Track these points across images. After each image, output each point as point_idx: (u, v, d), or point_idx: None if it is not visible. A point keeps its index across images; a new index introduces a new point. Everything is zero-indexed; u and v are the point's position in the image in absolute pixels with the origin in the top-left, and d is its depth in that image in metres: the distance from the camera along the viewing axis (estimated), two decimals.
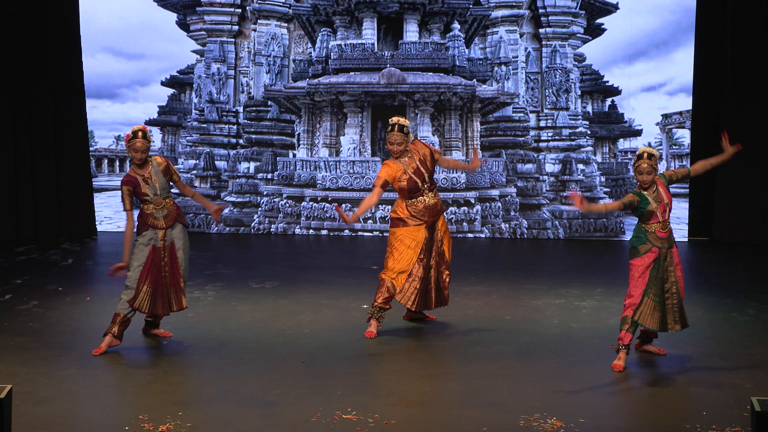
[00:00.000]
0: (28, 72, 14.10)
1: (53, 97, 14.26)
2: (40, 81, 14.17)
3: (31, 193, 14.18)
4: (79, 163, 14.60)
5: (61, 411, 6.08)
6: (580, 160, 15.48)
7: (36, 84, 14.15)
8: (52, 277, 10.88)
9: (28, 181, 14.18)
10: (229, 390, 6.57)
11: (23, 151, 14.15)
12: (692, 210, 14.71)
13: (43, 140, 14.27)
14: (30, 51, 14.06)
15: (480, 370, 7.14)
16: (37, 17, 14.07)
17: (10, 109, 14.04)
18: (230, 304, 9.54)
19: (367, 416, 5.95)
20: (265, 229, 15.30)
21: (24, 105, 14.11)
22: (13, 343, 7.83)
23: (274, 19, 16.07)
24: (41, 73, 14.17)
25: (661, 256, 7.33)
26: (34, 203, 14.25)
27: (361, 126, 15.30)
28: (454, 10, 15.55)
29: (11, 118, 14.05)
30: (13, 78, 14.04)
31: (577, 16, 15.88)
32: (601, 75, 15.98)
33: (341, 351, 7.74)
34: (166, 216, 7.91)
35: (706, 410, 6.15)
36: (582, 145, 15.62)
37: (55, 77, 14.26)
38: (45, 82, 14.19)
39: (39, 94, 14.18)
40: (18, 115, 14.10)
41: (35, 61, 14.11)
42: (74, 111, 14.48)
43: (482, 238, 14.88)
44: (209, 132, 15.98)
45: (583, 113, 15.99)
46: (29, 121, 14.16)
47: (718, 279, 11.41)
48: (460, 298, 9.81)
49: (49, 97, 14.23)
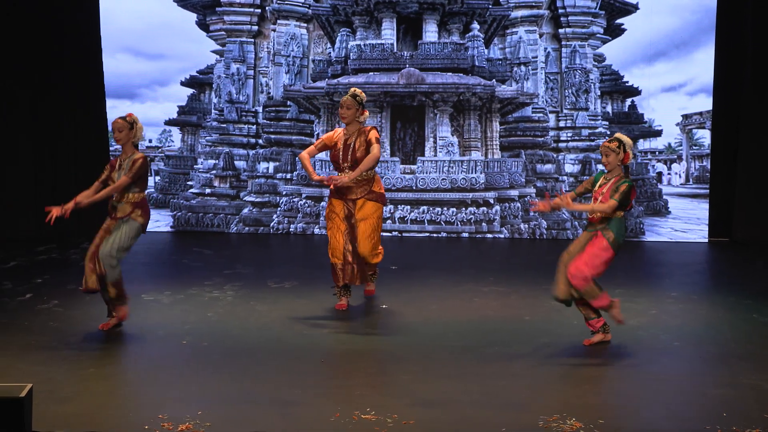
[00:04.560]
0: (49, 72, 14.18)
1: (73, 96, 14.34)
2: (61, 81, 14.24)
3: (51, 193, 14.24)
4: (99, 163, 14.56)
5: (80, 410, 6.09)
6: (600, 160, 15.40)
7: (56, 84, 14.22)
8: (72, 277, 10.91)
9: (47, 181, 14.25)
10: (248, 389, 6.58)
11: (43, 151, 14.23)
12: (712, 210, 14.66)
13: (63, 139, 14.34)
14: (50, 51, 14.14)
15: (499, 371, 7.12)
16: (58, 18, 14.15)
17: (30, 109, 14.12)
18: (249, 303, 9.55)
19: (386, 416, 5.95)
20: (284, 228, 15.32)
21: (44, 104, 14.19)
22: (33, 342, 7.86)
23: (294, 19, 16.09)
24: (61, 73, 14.24)
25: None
26: (54, 203, 14.22)
27: (380, 126, 15.29)
28: (473, 10, 15.53)
29: (32, 118, 14.13)
30: (34, 78, 14.11)
31: (597, 16, 15.84)
32: (620, 75, 15.92)
33: (360, 351, 7.74)
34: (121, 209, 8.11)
35: (726, 411, 6.11)
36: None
37: (75, 77, 14.32)
38: (65, 82, 14.26)
39: (59, 94, 14.25)
40: (38, 114, 14.18)
41: (56, 62, 14.19)
42: (94, 111, 14.55)
43: (501, 239, 14.85)
44: (229, 132, 16.01)
45: (602, 113, 15.94)
46: (49, 121, 14.24)
47: (738, 279, 11.35)
48: (479, 299, 9.80)
49: (70, 96, 14.31)
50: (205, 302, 9.56)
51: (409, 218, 15.05)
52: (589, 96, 15.84)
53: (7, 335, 8.08)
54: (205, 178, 15.85)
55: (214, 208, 15.49)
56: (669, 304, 9.49)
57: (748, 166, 14.14)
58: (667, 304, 9.49)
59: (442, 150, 15.19)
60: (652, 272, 12.41)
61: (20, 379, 6.51)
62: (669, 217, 15.62)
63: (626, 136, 7.86)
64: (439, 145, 15.24)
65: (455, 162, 15.04)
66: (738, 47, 14.11)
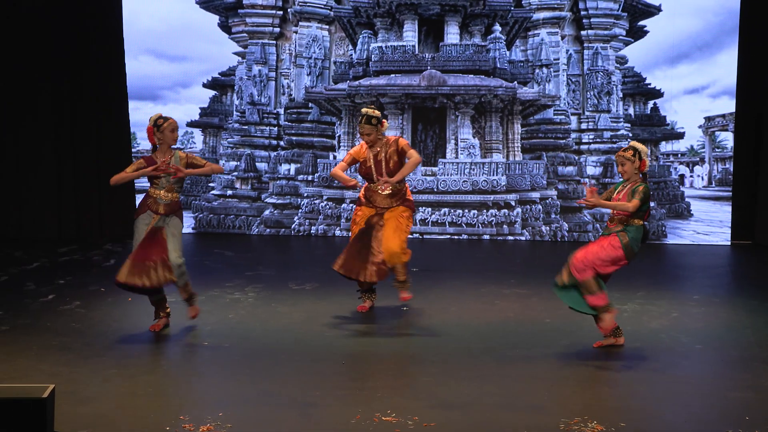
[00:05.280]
0: (72, 74, 14.25)
1: (96, 98, 14.40)
2: (84, 83, 14.31)
3: (74, 194, 14.33)
4: (122, 165, 14.50)
5: (102, 411, 6.12)
6: None
7: (79, 86, 14.29)
8: (94, 278, 10.96)
9: (70, 182, 14.32)
10: (268, 391, 6.59)
11: (66, 152, 14.30)
12: (735, 213, 14.60)
13: (86, 141, 14.41)
14: (74, 53, 14.21)
15: (520, 373, 7.11)
16: (81, 20, 14.22)
17: (53, 111, 14.20)
18: (270, 305, 9.57)
19: (407, 418, 5.95)
20: (306, 230, 15.34)
21: (68, 106, 14.27)
22: (55, 342, 7.90)
23: (315, 21, 16.11)
24: (85, 75, 14.31)
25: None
26: (76, 204, 14.39)
27: (401, 128, 15.30)
28: (495, 12, 15.52)
29: (55, 120, 14.21)
30: (57, 80, 14.19)
31: (620, 18, 15.79)
32: (643, 77, 15.87)
33: (380, 353, 7.75)
34: (167, 205, 8.18)
35: (749, 415, 6.09)
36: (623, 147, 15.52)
37: (98, 79, 14.39)
38: (88, 83, 14.33)
39: (82, 96, 14.32)
40: (62, 116, 14.25)
41: (79, 63, 14.26)
42: (117, 112, 14.61)
43: (522, 241, 14.83)
44: (250, 134, 16.05)
45: (624, 116, 15.90)
46: (73, 122, 14.31)
47: (760, 282, 11.30)
48: (500, 301, 9.79)
49: (93, 98, 14.37)
50: (226, 304, 9.59)
51: (430, 220, 15.04)
52: (611, 98, 15.80)
53: (29, 336, 8.13)
54: (227, 180, 15.90)
55: (236, 210, 15.53)
56: (691, 307, 9.46)
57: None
58: (689, 307, 9.45)
59: (464, 152, 15.18)
60: (674, 275, 12.37)
61: (43, 380, 6.54)
62: (691, 220, 15.57)
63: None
64: (460, 147, 15.24)
65: (476, 164, 15.03)
66: (761, 49, 14.05)
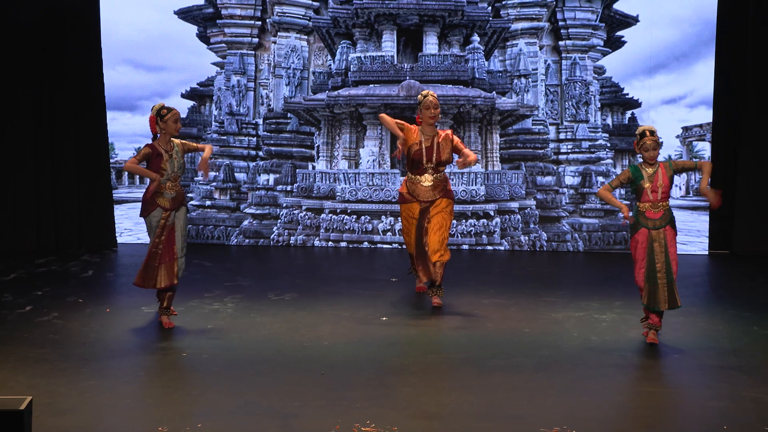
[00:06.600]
0: (50, 84, 14.18)
1: (74, 109, 14.33)
2: (62, 93, 14.24)
3: (52, 205, 14.25)
4: (100, 175, 14.65)
5: (80, 422, 6.09)
6: (600, 172, 15.44)
7: (57, 96, 14.23)
8: (72, 289, 10.91)
9: (48, 193, 14.25)
10: (248, 402, 6.58)
11: (44, 163, 14.23)
12: (712, 223, 14.64)
13: (64, 152, 14.34)
14: (51, 63, 14.15)
15: (499, 383, 7.12)
16: (58, 30, 14.15)
17: (31, 121, 14.13)
18: (249, 316, 9.55)
19: (387, 429, 5.95)
20: (285, 241, 15.32)
21: (45, 116, 14.20)
22: (33, 354, 7.86)
23: (294, 31, 16.11)
24: (62, 86, 14.25)
25: (651, 236, 8.17)
26: (54, 215, 14.32)
27: (380, 138, 15.31)
28: (473, 22, 15.56)
29: (33, 130, 14.14)
30: (35, 90, 14.12)
31: (597, 28, 15.86)
32: (621, 87, 15.94)
33: (360, 363, 7.74)
34: (173, 198, 8.21)
35: (727, 424, 6.11)
36: (602, 157, 15.58)
37: (76, 89, 14.33)
38: (66, 94, 14.26)
39: (60, 106, 14.25)
40: (39, 126, 14.18)
41: (56, 74, 14.20)
42: (95, 123, 14.54)
43: (501, 251, 14.86)
44: (229, 144, 16.02)
45: (602, 126, 15.95)
46: (50, 133, 14.24)
47: (738, 292, 11.34)
48: (479, 311, 9.80)
49: (70, 109, 14.30)
50: (205, 314, 9.56)
51: None
52: (589, 108, 15.86)
53: (6, 348, 8.08)
54: (206, 190, 15.86)
55: (215, 220, 15.49)
56: (669, 316, 9.49)
57: (749, 178, 14.14)
58: (667, 316, 9.48)
59: None
60: None
61: (20, 392, 6.51)
62: None
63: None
64: None
65: (455, 174, 15.05)
66: (738, 59, 14.12)
